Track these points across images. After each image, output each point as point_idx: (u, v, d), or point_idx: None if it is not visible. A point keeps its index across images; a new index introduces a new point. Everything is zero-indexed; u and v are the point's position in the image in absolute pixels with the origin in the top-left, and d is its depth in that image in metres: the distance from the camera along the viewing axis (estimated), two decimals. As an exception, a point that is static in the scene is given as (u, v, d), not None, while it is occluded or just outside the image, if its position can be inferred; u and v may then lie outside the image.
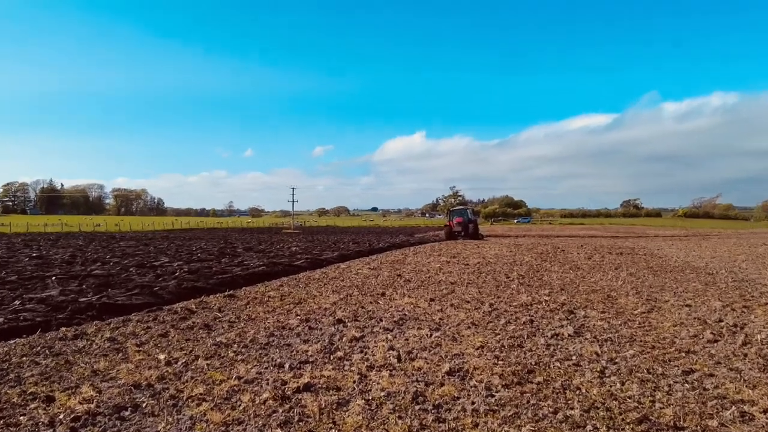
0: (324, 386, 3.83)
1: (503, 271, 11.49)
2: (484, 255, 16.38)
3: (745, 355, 4.63)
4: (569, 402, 3.53)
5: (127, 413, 3.43)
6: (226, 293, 8.21)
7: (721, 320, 6.08)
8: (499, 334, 5.43)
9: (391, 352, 4.73)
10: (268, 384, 3.90)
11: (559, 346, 4.95)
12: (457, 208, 35.15)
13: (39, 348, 4.96)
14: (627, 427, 3.16)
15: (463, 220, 29.25)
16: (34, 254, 16.22)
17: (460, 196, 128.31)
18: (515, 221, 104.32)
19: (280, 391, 3.72)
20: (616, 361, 4.49)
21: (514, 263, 13.43)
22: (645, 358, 4.57)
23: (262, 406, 3.49)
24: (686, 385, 3.89)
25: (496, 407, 3.44)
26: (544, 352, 4.76)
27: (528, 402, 3.52)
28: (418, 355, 4.65)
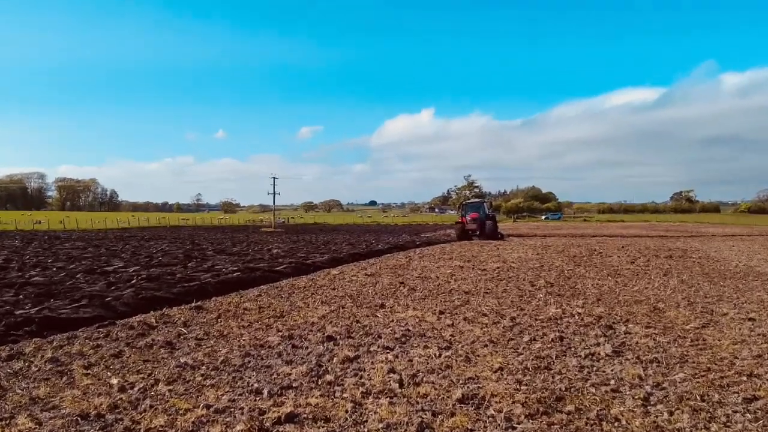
0: (310, 417, 3.84)
1: (528, 277, 11.51)
2: (505, 258, 16.40)
3: (820, 378, 4.64)
4: (606, 435, 3.53)
5: (72, 449, 3.43)
6: (192, 305, 8.23)
7: (790, 337, 6.09)
8: (522, 353, 5.44)
9: (391, 375, 4.74)
10: (242, 414, 3.91)
11: (594, 368, 4.96)
12: (471, 201, 35.07)
13: (-34, 370, 4.97)
14: (676, 465, 3.16)
15: (478, 216, 29.26)
16: (-38, 258, 16.26)
17: (476, 187, 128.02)
18: (543, 217, 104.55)
19: (257, 423, 3.72)
20: (664, 386, 4.50)
21: (541, 268, 13.43)
22: (698, 382, 4.58)
23: (236, 441, 3.50)
24: (748, 415, 3.89)
25: (517, 442, 3.45)
26: (576, 375, 4.76)
27: (556, 435, 3.53)
28: (424, 378, 4.66)
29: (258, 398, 4.24)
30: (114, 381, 4.66)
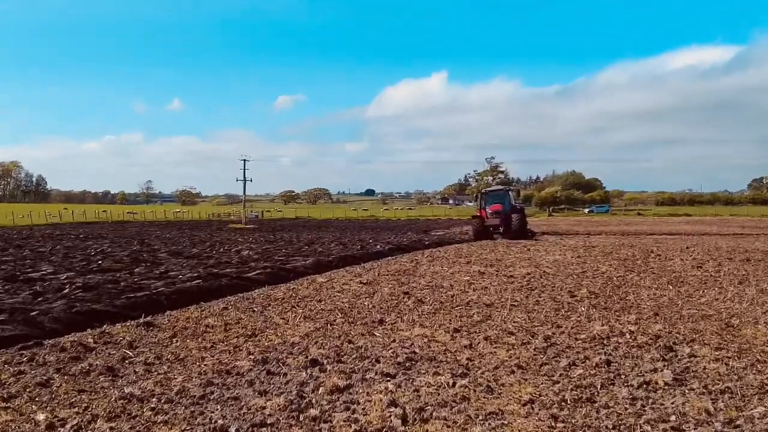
0: (289, 461, 3.85)
1: (566, 286, 11.53)
2: (538, 262, 16.44)
3: None
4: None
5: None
6: (141, 320, 8.25)
7: None
8: (558, 381, 5.45)
9: (392, 409, 4.75)
10: (203, 458, 3.92)
11: (650, 401, 4.96)
12: (493, 189, 34.81)
13: None
14: None
15: (502, 209, 29.28)
16: None
17: (501, 172, 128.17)
18: (586, 210, 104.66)
19: (221, 469, 3.73)
20: (738, 423, 4.51)
21: (583, 275, 13.47)
22: (782, 418, 4.58)
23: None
24: None
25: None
26: (626, 409, 4.77)
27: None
28: (434, 414, 4.67)
29: (223, 438, 4.25)
30: (40, 417, 4.67)
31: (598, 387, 5.29)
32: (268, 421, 4.55)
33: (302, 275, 13.91)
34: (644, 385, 5.34)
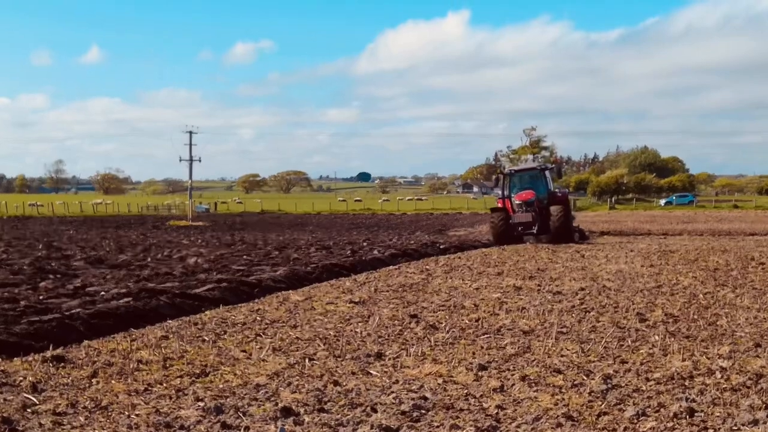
0: None
1: (634, 307, 11.55)
2: (596, 274, 16.46)
3: None
4: None
5: None
6: (49, 353, 8.22)
7: None
8: (622, 438, 5.44)
9: (394, 476, 4.74)
10: None
11: (748, 465, 4.96)
12: (522, 168, 33.72)
13: None
14: None
15: (534, 197, 28.33)
16: None
17: (545, 148, 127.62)
18: (662, 201, 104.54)
19: None
20: None
21: (657, 291, 13.49)
22: None
23: None
24: None
25: None
26: (716, 476, 4.77)
27: None
28: (452, 482, 4.67)
29: None
30: None
31: (678, 445, 5.29)
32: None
33: (271, 291, 13.91)
34: (741, 443, 5.35)
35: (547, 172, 30.82)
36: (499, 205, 29.85)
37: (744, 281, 14.88)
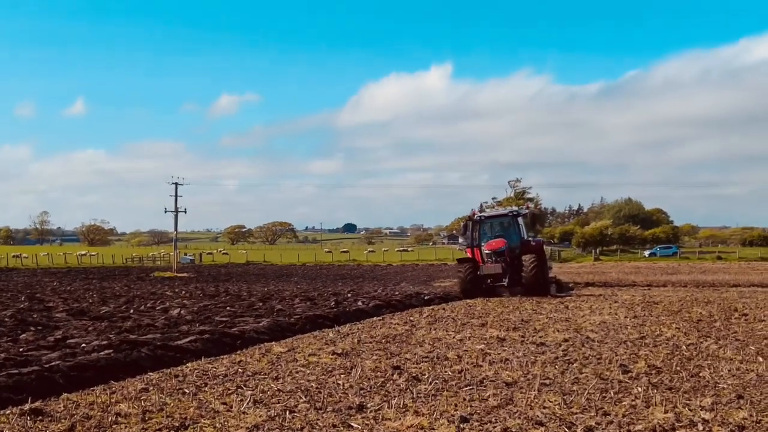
0: None
1: (618, 358, 11.54)
2: (579, 325, 16.46)
3: None
4: None
5: None
6: (27, 407, 8.11)
7: None
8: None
9: None
10: None
11: None
12: (491, 214, 31.06)
13: None
14: None
15: (506, 245, 26.63)
16: None
17: (530, 199, 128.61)
18: (646, 253, 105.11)
19: None
20: None
21: (641, 342, 13.51)
22: None
23: None
24: None
25: None
26: None
27: None
28: None
29: None
30: None
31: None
32: None
33: (253, 343, 13.82)
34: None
35: (520, 219, 29.12)
36: (468, 255, 28.31)
37: (727, 332, 14.94)
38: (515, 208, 33.93)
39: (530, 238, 28.76)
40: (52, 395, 8.89)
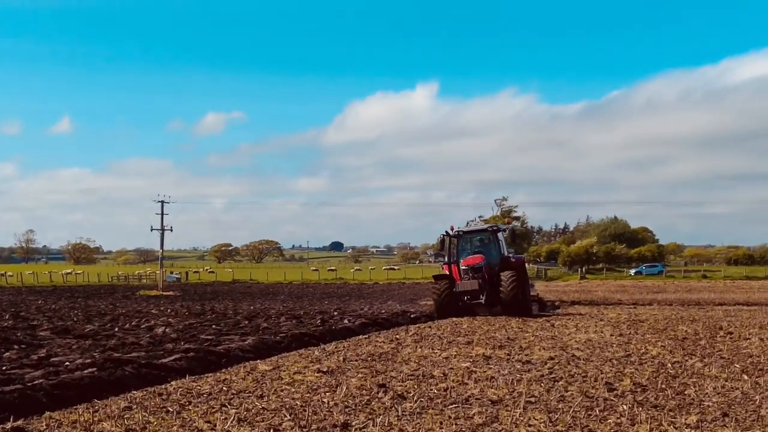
0: None
1: (603, 376, 11.56)
2: (565, 343, 16.48)
3: None
4: None
5: None
6: (9, 425, 8.05)
7: None
8: None
9: None
10: None
11: None
12: (470, 230, 29.85)
13: None
14: None
15: (483, 262, 25.62)
16: None
17: (516, 217, 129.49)
18: (632, 271, 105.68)
19: None
20: None
21: (626, 360, 13.54)
22: None
23: None
24: None
25: None
26: None
27: None
28: None
29: None
30: None
31: None
32: None
33: (238, 361, 13.77)
34: None
35: (500, 234, 28.11)
36: (445, 272, 27.24)
37: (712, 351, 14.99)
38: (495, 224, 32.73)
39: (510, 255, 27.70)
40: (34, 414, 8.81)
